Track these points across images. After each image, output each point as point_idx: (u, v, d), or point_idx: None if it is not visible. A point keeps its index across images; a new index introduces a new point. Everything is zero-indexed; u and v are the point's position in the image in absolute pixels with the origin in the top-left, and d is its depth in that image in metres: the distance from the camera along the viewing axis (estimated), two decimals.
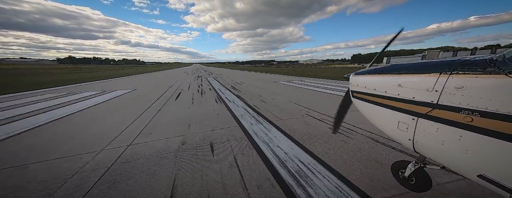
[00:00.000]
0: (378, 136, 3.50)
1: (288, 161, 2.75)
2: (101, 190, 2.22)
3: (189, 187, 2.24)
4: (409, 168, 1.92)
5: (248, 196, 2.08)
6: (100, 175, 2.51)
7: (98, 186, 2.30)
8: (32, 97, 8.44)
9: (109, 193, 2.17)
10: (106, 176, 2.49)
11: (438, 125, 1.22)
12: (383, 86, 1.65)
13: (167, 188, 2.23)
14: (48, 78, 18.93)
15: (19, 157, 3.07)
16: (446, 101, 1.16)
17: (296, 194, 2.08)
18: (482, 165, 1.07)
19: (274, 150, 3.09)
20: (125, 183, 2.33)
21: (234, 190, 2.17)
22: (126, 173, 2.55)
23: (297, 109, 5.85)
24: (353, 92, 2.11)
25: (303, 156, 2.87)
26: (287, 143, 3.35)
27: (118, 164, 2.78)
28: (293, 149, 3.14)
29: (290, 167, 2.59)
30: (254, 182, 2.30)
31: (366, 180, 2.28)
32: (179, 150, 3.19)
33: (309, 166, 2.60)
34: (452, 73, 1.17)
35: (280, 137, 3.66)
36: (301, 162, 2.70)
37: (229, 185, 2.26)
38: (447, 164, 1.30)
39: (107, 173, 2.54)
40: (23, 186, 2.33)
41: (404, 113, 1.45)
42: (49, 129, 4.42)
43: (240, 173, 2.49)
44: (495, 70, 1.00)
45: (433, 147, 1.31)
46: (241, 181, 2.32)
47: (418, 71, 1.43)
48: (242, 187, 2.22)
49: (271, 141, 3.45)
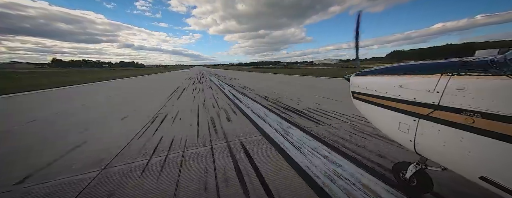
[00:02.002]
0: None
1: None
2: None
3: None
4: (410, 169, 1.91)
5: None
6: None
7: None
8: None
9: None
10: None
11: (439, 126, 1.21)
12: (384, 87, 1.64)
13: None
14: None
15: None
16: (447, 102, 1.16)
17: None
18: (484, 166, 1.06)
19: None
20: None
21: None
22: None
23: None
24: (353, 94, 2.11)
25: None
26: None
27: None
28: None
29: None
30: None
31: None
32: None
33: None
34: (454, 75, 1.16)
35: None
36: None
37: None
38: (448, 165, 1.29)
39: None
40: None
41: (405, 114, 1.44)
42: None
43: None
44: (496, 72, 1.00)
45: (434, 149, 1.30)
46: None
47: (419, 72, 1.42)
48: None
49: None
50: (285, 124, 4.28)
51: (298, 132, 3.76)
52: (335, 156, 2.76)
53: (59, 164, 2.80)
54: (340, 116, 4.80)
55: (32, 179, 2.44)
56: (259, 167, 2.55)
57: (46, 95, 10.18)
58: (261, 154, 2.90)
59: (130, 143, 3.47)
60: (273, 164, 2.61)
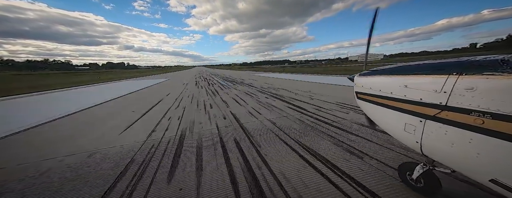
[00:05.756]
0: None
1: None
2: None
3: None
4: (417, 170, 1.87)
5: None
6: None
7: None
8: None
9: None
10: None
11: (447, 127, 1.18)
12: (389, 87, 1.61)
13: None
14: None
15: None
16: (455, 102, 1.13)
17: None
18: (495, 169, 1.03)
19: None
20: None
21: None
22: None
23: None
24: (357, 94, 2.08)
25: None
26: None
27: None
28: None
29: None
30: None
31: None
32: None
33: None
34: (462, 74, 1.13)
35: None
36: None
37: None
38: (456, 167, 1.26)
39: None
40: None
41: (411, 115, 1.41)
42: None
43: None
44: (507, 71, 0.97)
45: (441, 150, 1.27)
46: None
47: (425, 72, 1.39)
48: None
49: None
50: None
51: None
52: None
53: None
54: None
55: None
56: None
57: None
58: None
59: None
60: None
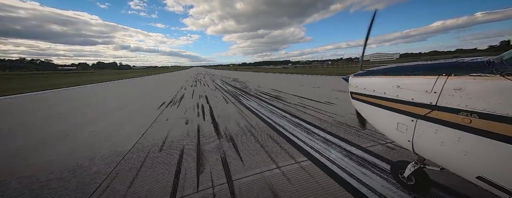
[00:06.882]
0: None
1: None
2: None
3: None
4: (408, 168, 1.92)
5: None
6: None
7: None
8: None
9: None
10: None
11: (437, 126, 1.22)
12: (382, 87, 1.65)
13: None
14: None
15: None
16: (444, 102, 1.17)
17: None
18: (481, 166, 1.07)
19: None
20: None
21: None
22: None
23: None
24: (352, 94, 2.11)
25: None
26: None
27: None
28: None
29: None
30: None
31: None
32: None
33: None
34: (451, 75, 1.17)
35: None
36: None
37: None
38: (446, 165, 1.30)
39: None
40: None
41: (403, 114, 1.45)
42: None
43: None
44: (492, 72, 1.01)
45: (432, 148, 1.31)
46: None
47: (416, 73, 1.43)
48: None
49: None
50: None
51: None
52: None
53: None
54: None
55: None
56: None
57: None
58: None
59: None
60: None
